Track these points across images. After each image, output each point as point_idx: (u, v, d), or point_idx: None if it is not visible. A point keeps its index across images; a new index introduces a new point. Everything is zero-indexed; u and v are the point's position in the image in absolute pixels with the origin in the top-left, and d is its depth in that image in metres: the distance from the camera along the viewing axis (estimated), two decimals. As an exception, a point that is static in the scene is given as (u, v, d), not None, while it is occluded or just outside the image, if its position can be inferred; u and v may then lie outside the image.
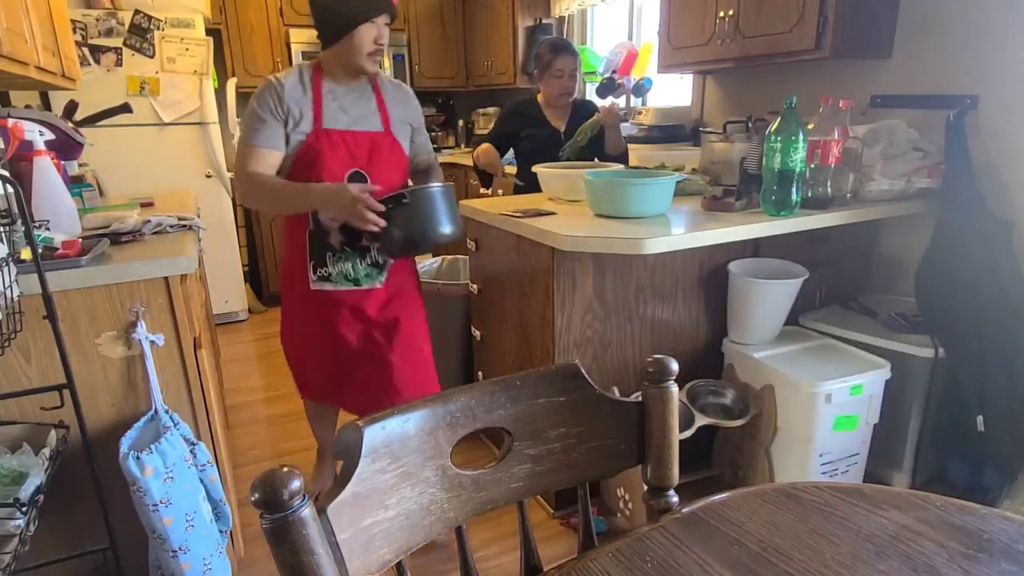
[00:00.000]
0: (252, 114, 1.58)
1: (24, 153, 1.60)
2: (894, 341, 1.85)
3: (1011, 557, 0.67)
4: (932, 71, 2.03)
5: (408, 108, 1.78)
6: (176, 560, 1.37)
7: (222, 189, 3.67)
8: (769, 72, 2.58)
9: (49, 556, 1.45)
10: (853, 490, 0.80)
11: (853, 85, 2.25)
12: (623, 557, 0.70)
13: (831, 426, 1.74)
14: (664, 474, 0.86)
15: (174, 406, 1.49)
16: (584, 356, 1.84)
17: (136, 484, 1.29)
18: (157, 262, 1.41)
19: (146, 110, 3.36)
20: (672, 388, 0.84)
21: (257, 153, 1.57)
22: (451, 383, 2.49)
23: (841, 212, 1.85)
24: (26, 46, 1.72)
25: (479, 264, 2.22)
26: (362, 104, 1.68)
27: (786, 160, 1.74)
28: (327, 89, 1.63)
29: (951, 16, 1.95)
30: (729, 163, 2.21)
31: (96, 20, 3.19)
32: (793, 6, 2.04)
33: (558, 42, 2.55)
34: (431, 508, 0.73)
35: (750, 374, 1.89)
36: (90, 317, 1.39)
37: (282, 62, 4.13)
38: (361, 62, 1.59)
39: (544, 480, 0.83)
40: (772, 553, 0.69)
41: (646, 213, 1.80)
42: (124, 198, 2.41)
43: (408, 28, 4.46)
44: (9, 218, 1.21)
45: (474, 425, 0.77)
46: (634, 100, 3.45)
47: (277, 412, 2.75)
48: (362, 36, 1.55)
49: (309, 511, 0.57)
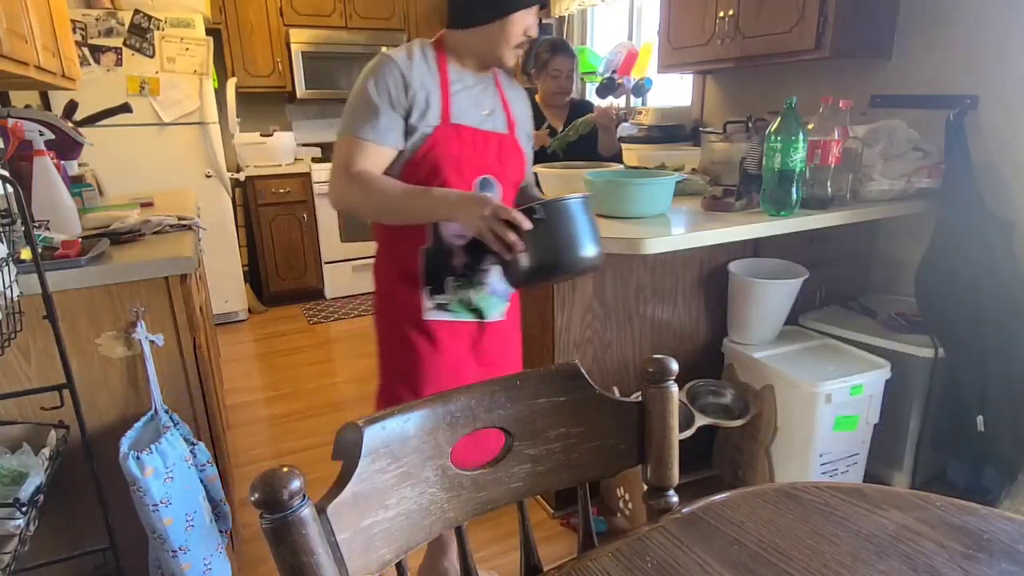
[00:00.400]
0: (364, 99, 1.26)
1: (24, 153, 1.60)
2: (894, 341, 1.85)
3: (1011, 557, 0.67)
4: (932, 71, 2.03)
5: (527, 111, 1.53)
6: (176, 560, 1.37)
7: (222, 189, 3.67)
8: (769, 72, 2.58)
9: (49, 556, 1.45)
10: (853, 490, 0.80)
11: (853, 85, 2.25)
12: (623, 557, 0.70)
13: (831, 426, 1.74)
14: (664, 474, 0.86)
15: (174, 406, 1.49)
16: (584, 356, 1.84)
17: (136, 484, 1.29)
18: (157, 262, 1.41)
19: (146, 110, 3.36)
20: (672, 388, 0.84)
21: (367, 149, 1.26)
22: (451, 383, 2.49)
23: (841, 212, 1.85)
24: (26, 46, 1.72)
25: (479, 264, 2.21)
26: (489, 99, 1.40)
27: (786, 160, 1.74)
28: (455, 76, 1.34)
29: (951, 16, 1.95)
30: (729, 163, 2.21)
31: (96, 20, 3.19)
32: (793, 6, 2.04)
33: (557, 42, 2.55)
34: (431, 508, 0.73)
35: (750, 374, 1.89)
36: (90, 317, 1.39)
37: (282, 62, 4.14)
38: (505, 54, 1.33)
39: (544, 480, 0.83)
40: (772, 553, 0.69)
41: (646, 213, 1.80)
42: (124, 198, 2.41)
43: (408, 28, 4.46)
44: (9, 218, 1.21)
45: (474, 425, 0.77)
46: (634, 100, 3.45)
47: (277, 412, 2.75)
48: (515, 24, 1.29)
49: (309, 511, 0.57)
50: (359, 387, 2.97)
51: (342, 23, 4.26)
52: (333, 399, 2.86)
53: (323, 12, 4.19)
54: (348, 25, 4.27)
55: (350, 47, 4.24)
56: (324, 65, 4.19)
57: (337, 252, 4.30)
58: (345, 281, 4.39)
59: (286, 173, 4.06)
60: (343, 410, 2.76)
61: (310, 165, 4.13)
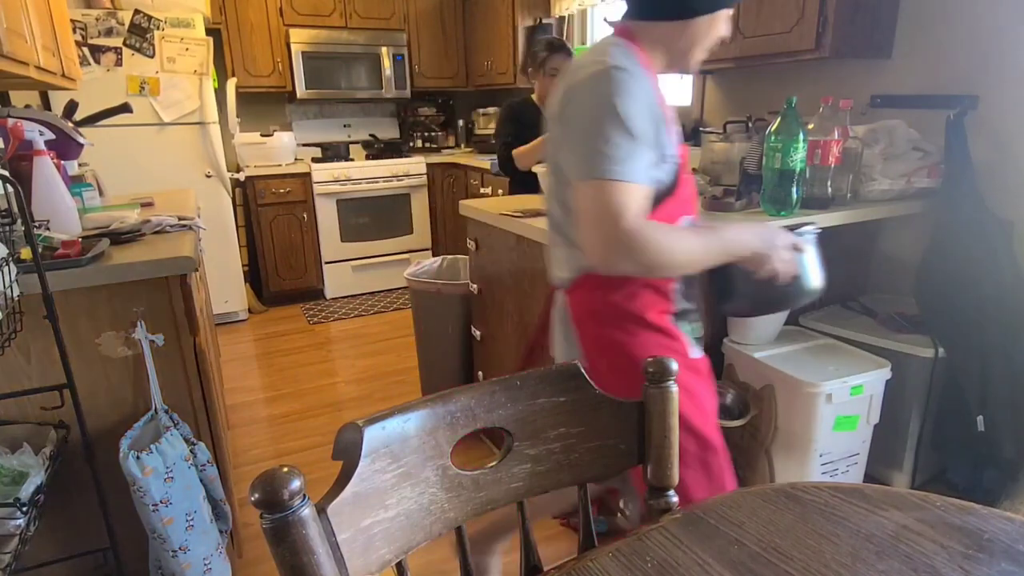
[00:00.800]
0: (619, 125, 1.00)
1: (24, 153, 1.60)
2: (894, 341, 1.85)
3: (1011, 557, 0.67)
4: (932, 71, 2.03)
5: None
6: (176, 560, 1.37)
7: (222, 189, 3.67)
8: (769, 72, 2.58)
9: (49, 556, 1.45)
10: (853, 490, 0.80)
11: (853, 85, 2.25)
12: (623, 557, 0.70)
13: (831, 426, 1.74)
14: (664, 474, 0.86)
15: (174, 406, 1.49)
16: (584, 356, 1.84)
17: (136, 484, 1.29)
18: (157, 262, 1.41)
19: (146, 110, 3.36)
20: (672, 388, 0.84)
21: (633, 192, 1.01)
22: (451, 383, 2.49)
23: (841, 212, 1.85)
24: (26, 46, 1.72)
25: (479, 264, 2.22)
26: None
27: (786, 160, 1.73)
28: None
29: (951, 16, 1.95)
30: (729, 163, 2.21)
31: (96, 20, 3.19)
32: (793, 6, 2.04)
33: (554, 41, 2.55)
34: (431, 508, 0.73)
35: (750, 374, 1.88)
36: (90, 317, 1.39)
37: (282, 62, 4.14)
38: (699, 55, 1.14)
39: (544, 480, 0.83)
40: (772, 553, 0.69)
41: (646, 213, 1.80)
42: (124, 198, 2.41)
43: (408, 28, 4.46)
44: (9, 218, 1.21)
45: (474, 425, 0.77)
46: (634, 100, 3.45)
47: (277, 412, 2.75)
48: (720, 23, 1.12)
49: (309, 511, 0.57)
50: (359, 387, 2.98)
51: (342, 23, 4.26)
52: (333, 399, 2.86)
53: (323, 12, 4.19)
54: (348, 25, 4.28)
55: (350, 47, 4.24)
56: (324, 65, 4.19)
57: (337, 252, 4.30)
58: (345, 281, 4.39)
59: (286, 173, 4.06)
60: (343, 410, 2.76)
61: (310, 165, 4.13)
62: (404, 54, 4.43)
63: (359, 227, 4.35)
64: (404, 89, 4.49)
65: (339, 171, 4.16)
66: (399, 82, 4.46)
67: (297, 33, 4.07)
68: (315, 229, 4.21)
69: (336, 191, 4.18)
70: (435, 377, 2.61)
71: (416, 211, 4.52)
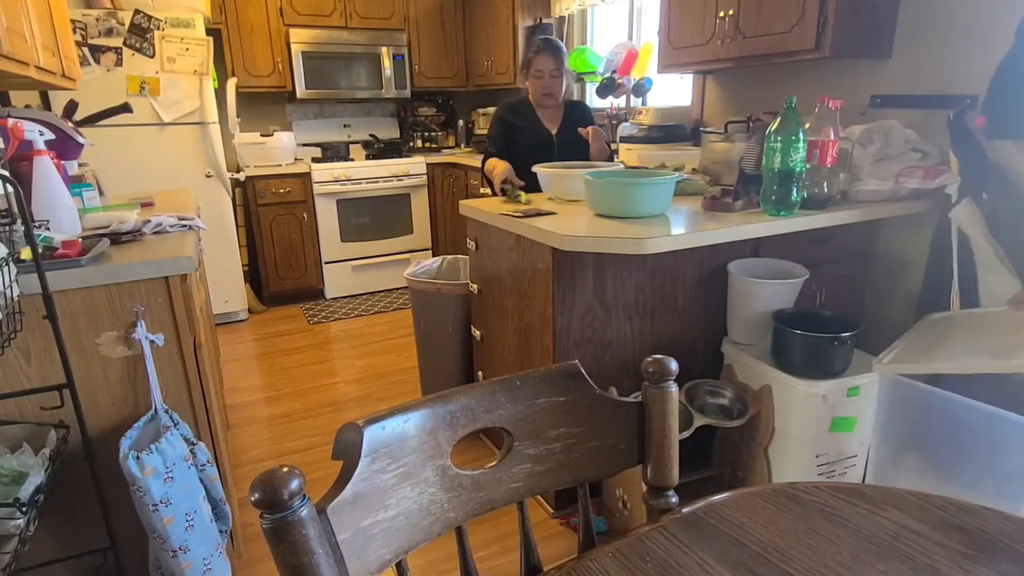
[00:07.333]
0: None
1: (24, 153, 1.60)
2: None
3: (1011, 557, 0.67)
4: (932, 71, 2.03)
5: None
6: (176, 560, 1.37)
7: (222, 189, 3.67)
8: (769, 72, 2.58)
9: (49, 556, 1.45)
10: (853, 490, 0.80)
11: (853, 85, 2.25)
12: (623, 557, 0.70)
13: (828, 427, 1.74)
14: (664, 474, 0.86)
15: (174, 406, 1.49)
16: (584, 356, 1.84)
17: (136, 484, 1.29)
18: (157, 262, 1.41)
19: (146, 110, 3.36)
20: (672, 388, 0.84)
21: None
22: (451, 383, 2.50)
23: (840, 212, 1.85)
24: (26, 46, 1.72)
25: (479, 264, 2.22)
26: None
27: (786, 160, 1.74)
28: None
29: (951, 16, 1.95)
30: (729, 163, 2.21)
31: (96, 20, 3.19)
32: (793, 6, 2.04)
33: (541, 41, 2.54)
34: (431, 508, 0.73)
35: (749, 374, 1.88)
36: (90, 317, 1.39)
37: (282, 62, 4.13)
38: None
39: (544, 480, 0.83)
40: (772, 553, 0.69)
41: (646, 213, 1.80)
42: (124, 198, 2.41)
43: (408, 28, 4.46)
44: (9, 218, 1.21)
45: (474, 425, 0.77)
46: (634, 100, 3.45)
47: (277, 412, 2.75)
48: None
49: (309, 511, 0.57)
50: (359, 387, 2.98)
51: (342, 23, 4.26)
52: (333, 399, 2.86)
53: (323, 12, 4.19)
54: (348, 25, 4.28)
55: (350, 47, 4.24)
56: (324, 65, 4.19)
57: (337, 252, 4.30)
58: (345, 281, 4.39)
59: (286, 173, 4.06)
60: (343, 410, 2.76)
61: (310, 165, 4.13)
62: (404, 54, 4.44)
63: (359, 227, 4.35)
64: (404, 89, 4.49)
65: (339, 171, 4.16)
66: (399, 82, 4.46)
67: (297, 33, 4.07)
68: (315, 229, 4.21)
69: (336, 191, 4.18)
70: (435, 377, 2.61)
71: (416, 211, 4.52)
